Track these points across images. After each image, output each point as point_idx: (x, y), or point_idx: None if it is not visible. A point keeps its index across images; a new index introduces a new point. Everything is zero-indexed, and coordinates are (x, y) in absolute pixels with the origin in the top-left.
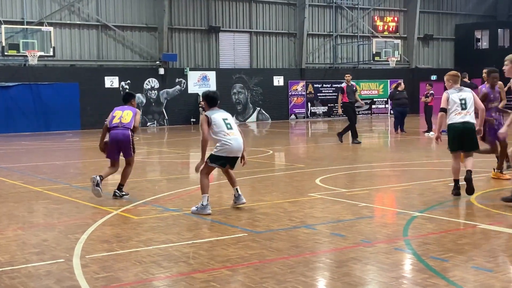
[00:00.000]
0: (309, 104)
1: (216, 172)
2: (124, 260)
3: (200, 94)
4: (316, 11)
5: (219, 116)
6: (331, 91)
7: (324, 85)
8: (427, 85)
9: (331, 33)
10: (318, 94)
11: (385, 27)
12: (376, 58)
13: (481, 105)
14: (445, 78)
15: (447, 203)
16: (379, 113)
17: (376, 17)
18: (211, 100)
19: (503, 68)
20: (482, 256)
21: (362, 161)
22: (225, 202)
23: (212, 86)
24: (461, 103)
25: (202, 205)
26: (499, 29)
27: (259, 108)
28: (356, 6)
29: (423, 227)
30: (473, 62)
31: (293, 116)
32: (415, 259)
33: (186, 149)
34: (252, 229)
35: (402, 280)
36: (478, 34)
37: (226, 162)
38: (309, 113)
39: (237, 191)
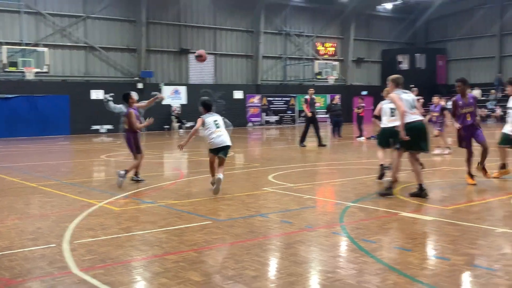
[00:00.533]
0: (263, 114)
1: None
2: (107, 245)
3: (172, 105)
4: (269, 38)
5: (211, 119)
6: (282, 103)
7: (276, 98)
8: (359, 99)
9: (282, 56)
10: (271, 106)
11: (326, 51)
12: (318, 77)
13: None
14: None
15: (374, 195)
16: (319, 122)
17: (318, 43)
18: (206, 106)
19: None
20: (403, 239)
21: (307, 161)
22: (193, 196)
23: (183, 99)
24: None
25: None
26: (416, 54)
27: (222, 117)
28: (302, 34)
29: (355, 215)
30: None
31: (250, 124)
32: (349, 241)
33: (160, 151)
34: (216, 218)
35: (339, 259)
36: (400, 58)
37: (216, 151)
38: (263, 121)
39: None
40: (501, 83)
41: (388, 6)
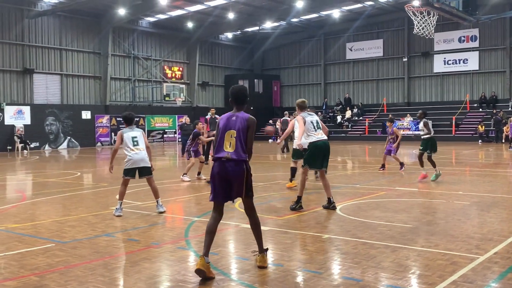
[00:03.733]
0: (112, 134)
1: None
2: None
3: (16, 125)
4: (117, 60)
5: (129, 134)
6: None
7: None
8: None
9: (130, 78)
10: (120, 126)
11: (173, 75)
12: (167, 98)
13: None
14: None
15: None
16: (169, 141)
17: (165, 67)
18: (126, 120)
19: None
20: (242, 249)
21: (155, 178)
22: (36, 218)
23: (27, 119)
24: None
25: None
26: (255, 79)
27: (69, 137)
28: (150, 57)
29: (200, 229)
30: None
31: (99, 144)
32: (193, 255)
33: (2, 173)
34: (59, 240)
35: (182, 272)
36: (240, 82)
37: (133, 173)
38: (112, 141)
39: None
40: (327, 106)
41: (229, 35)
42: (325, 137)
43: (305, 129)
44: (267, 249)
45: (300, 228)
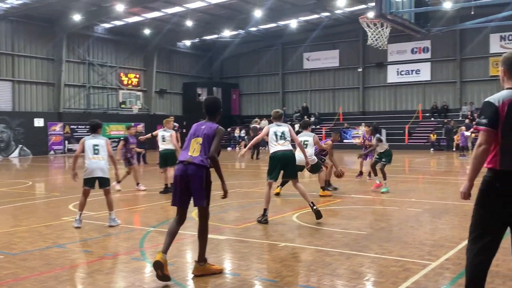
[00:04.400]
0: (66, 142)
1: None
2: None
3: None
4: (71, 66)
5: (91, 142)
6: (86, 131)
7: (79, 126)
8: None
9: (85, 84)
10: (74, 134)
11: (129, 82)
12: (123, 106)
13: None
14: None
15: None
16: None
17: (121, 74)
18: (90, 127)
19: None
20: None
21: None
22: None
23: None
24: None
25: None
26: (213, 87)
27: (21, 146)
28: (105, 64)
29: (155, 239)
30: (195, 110)
31: (52, 152)
32: (148, 266)
33: None
34: (8, 252)
35: (137, 283)
36: (199, 90)
37: (92, 183)
38: (66, 149)
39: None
40: (286, 115)
41: (187, 43)
42: (287, 148)
43: (269, 139)
44: (206, 261)
45: (257, 236)
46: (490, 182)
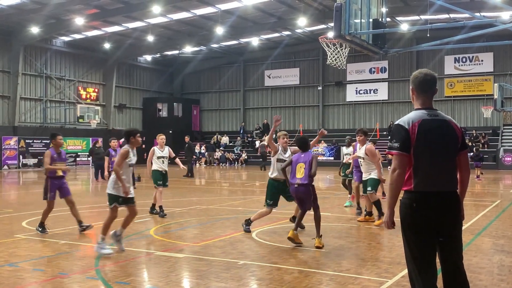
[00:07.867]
0: (21, 157)
1: None
2: None
3: None
4: (28, 79)
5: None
6: (42, 145)
7: (35, 141)
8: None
9: (42, 98)
10: (29, 148)
11: (88, 96)
12: (80, 120)
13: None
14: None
15: (132, 236)
16: (82, 165)
17: (80, 88)
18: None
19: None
20: (156, 277)
21: (66, 205)
22: None
23: None
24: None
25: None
26: (174, 103)
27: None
28: (64, 77)
29: (111, 257)
30: (155, 126)
31: (5, 167)
32: (103, 285)
33: None
34: None
35: None
36: (159, 106)
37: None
38: (20, 164)
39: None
40: (245, 131)
41: (148, 58)
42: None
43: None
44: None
45: (216, 254)
46: (408, 204)
